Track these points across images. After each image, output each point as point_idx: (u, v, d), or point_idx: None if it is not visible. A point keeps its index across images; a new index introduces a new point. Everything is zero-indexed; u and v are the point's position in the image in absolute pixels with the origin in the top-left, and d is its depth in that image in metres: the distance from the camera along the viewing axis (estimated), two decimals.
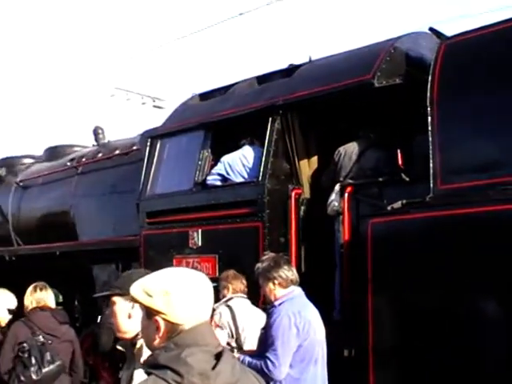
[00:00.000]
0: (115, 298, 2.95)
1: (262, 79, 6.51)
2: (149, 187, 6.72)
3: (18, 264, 9.35)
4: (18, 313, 5.83)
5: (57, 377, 5.35)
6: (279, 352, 4.17)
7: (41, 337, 5.30)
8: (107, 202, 8.02)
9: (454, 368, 4.38)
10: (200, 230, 5.95)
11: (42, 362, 5.22)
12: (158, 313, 2.11)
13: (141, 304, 2.19)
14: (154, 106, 21.12)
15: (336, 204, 5.32)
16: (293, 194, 5.59)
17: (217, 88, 6.97)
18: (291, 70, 6.21)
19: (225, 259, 5.73)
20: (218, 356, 2.04)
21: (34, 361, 5.20)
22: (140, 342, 2.78)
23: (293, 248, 5.39)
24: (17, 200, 10.01)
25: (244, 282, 5.23)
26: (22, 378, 5.18)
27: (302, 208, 5.65)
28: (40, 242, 9.12)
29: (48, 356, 5.25)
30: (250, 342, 4.93)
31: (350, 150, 5.57)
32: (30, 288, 5.62)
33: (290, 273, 4.33)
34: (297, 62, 6.40)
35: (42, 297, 5.55)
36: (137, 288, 2.20)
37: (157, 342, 2.13)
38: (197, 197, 6.16)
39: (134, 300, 2.23)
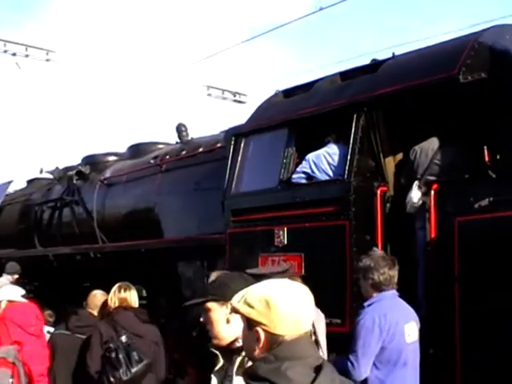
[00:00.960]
0: (210, 305, 2.97)
1: (345, 75, 6.68)
2: (233, 185, 6.97)
3: (103, 261, 9.86)
4: (103, 311, 6.17)
5: (145, 376, 5.53)
6: (359, 353, 4.37)
7: (125, 336, 5.48)
8: (191, 200, 8.31)
9: None
10: (285, 228, 6.15)
11: (130, 361, 5.39)
12: (258, 324, 2.17)
13: (242, 315, 2.26)
14: (235, 101, 21.56)
15: (415, 201, 5.48)
16: (378, 192, 5.73)
17: (300, 85, 7.19)
18: (375, 65, 6.34)
19: (310, 257, 5.90)
20: (318, 369, 2.08)
21: (122, 361, 5.38)
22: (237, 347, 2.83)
23: (379, 246, 5.50)
24: (101, 197, 10.51)
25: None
26: (112, 379, 5.37)
27: (387, 205, 5.78)
28: (124, 240, 9.58)
29: (135, 355, 5.42)
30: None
31: (426, 147, 5.71)
32: (114, 288, 5.88)
33: (385, 276, 4.47)
34: (379, 58, 6.57)
35: (125, 297, 5.81)
36: (238, 298, 2.28)
37: (257, 352, 2.19)
38: (282, 195, 6.38)
39: (235, 310, 2.30)
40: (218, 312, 2.94)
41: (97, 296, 6.58)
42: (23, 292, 6.91)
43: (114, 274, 6.81)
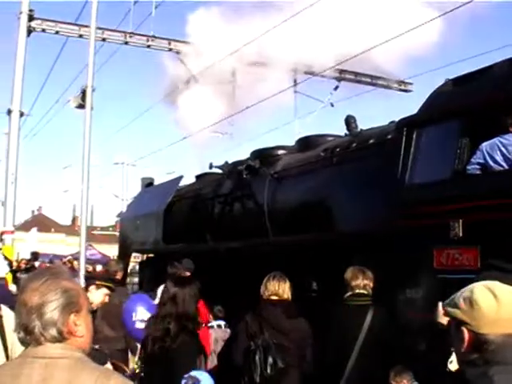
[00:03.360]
0: None
1: None
2: (406, 177, 7.19)
3: (274, 254, 10.15)
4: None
5: (280, 380, 5.74)
6: None
7: (267, 334, 5.80)
8: (363, 193, 8.55)
9: None
10: (461, 221, 6.27)
11: (265, 365, 5.65)
12: (463, 323, 2.28)
13: (449, 315, 2.40)
14: (400, 90, 21.64)
15: None
16: None
17: (471, 72, 7.24)
18: None
19: (487, 250, 5.99)
20: None
21: (257, 363, 5.66)
22: None
23: None
24: (272, 191, 11.03)
25: None
26: (246, 379, 5.73)
27: None
28: (294, 233, 10.01)
29: (271, 360, 5.65)
30: None
31: None
32: (267, 277, 6.27)
33: None
34: None
35: (277, 287, 6.15)
36: (448, 300, 2.41)
37: (462, 352, 2.29)
38: (457, 186, 6.51)
39: (444, 312, 2.45)
40: None
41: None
42: None
43: (285, 267, 7.12)
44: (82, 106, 10.76)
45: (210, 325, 9.19)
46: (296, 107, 21.35)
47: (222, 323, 9.55)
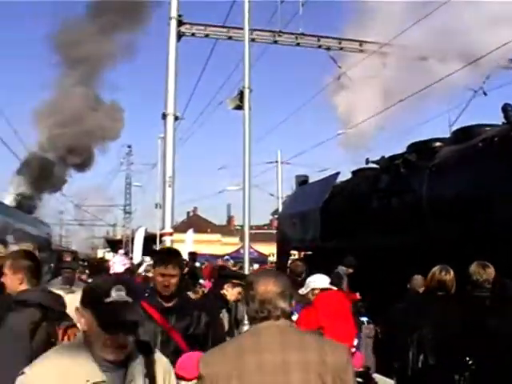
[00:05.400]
0: None
1: None
2: None
3: (432, 248, 10.19)
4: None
5: (430, 377, 5.96)
6: None
7: (426, 329, 6.01)
8: None
9: None
10: None
11: (416, 360, 5.92)
12: None
13: None
14: None
15: None
16: None
17: None
18: None
19: None
20: None
21: (410, 357, 5.95)
22: None
23: None
24: (431, 185, 11.13)
25: None
26: (399, 372, 6.22)
27: None
28: (457, 226, 10.04)
29: (422, 356, 5.94)
30: None
31: None
32: (434, 269, 6.50)
33: None
34: None
35: (444, 279, 6.37)
36: None
37: None
38: None
39: None
40: None
41: (418, 280, 7.66)
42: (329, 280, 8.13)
43: (448, 261, 7.02)
44: (239, 107, 11.23)
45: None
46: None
47: (365, 319, 9.87)
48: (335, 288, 8.33)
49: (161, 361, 3.30)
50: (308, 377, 3.20)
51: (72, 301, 9.72)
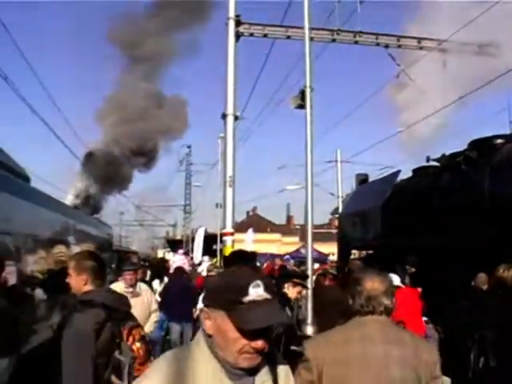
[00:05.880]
0: None
1: None
2: None
3: (497, 245, 9.99)
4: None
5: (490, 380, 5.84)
6: None
7: (488, 329, 5.87)
8: None
9: None
10: None
11: (477, 362, 5.84)
12: None
13: None
14: None
15: None
16: None
17: None
18: None
19: None
20: None
21: (471, 358, 5.87)
22: None
23: None
24: (492, 182, 11.03)
25: None
26: (458, 373, 5.99)
27: None
28: None
29: (483, 358, 5.85)
30: None
31: None
32: (498, 269, 6.46)
33: None
34: None
35: (504, 277, 6.30)
36: None
37: None
38: None
39: None
40: None
41: (482, 278, 7.87)
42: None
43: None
44: (301, 107, 11.26)
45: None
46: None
47: (424, 319, 9.82)
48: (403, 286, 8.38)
49: (284, 368, 2.95)
50: (406, 371, 3.57)
51: (138, 303, 9.87)
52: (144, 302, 10.20)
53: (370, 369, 3.57)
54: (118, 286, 9.23)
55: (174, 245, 56.36)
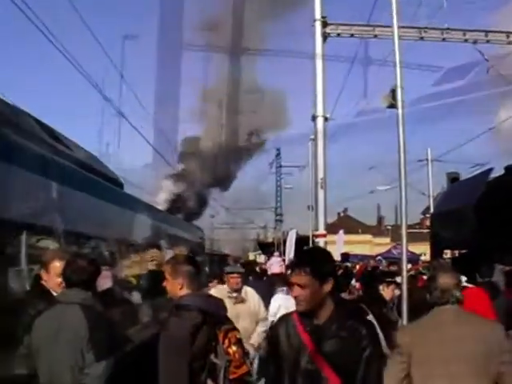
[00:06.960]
0: None
1: None
2: None
3: None
4: None
5: None
6: None
7: None
8: None
9: None
10: None
11: None
12: None
13: None
14: None
15: None
16: None
17: None
18: None
19: None
20: None
21: None
22: None
23: None
24: None
25: None
26: None
27: None
28: None
29: None
30: None
31: None
32: None
33: None
34: None
35: None
36: None
37: None
38: None
39: None
40: None
41: None
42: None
43: None
44: (392, 106, 11.20)
45: None
46: None
47: None
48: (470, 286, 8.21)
49: None
50: (478, 346, 4.40)
51: (245, 310, 9.44)
52: (251, 309, 9.56)
53: (447, 346, 4.46)
54: (221, 291, 8.92)
55: (264, 247, 56.57)
